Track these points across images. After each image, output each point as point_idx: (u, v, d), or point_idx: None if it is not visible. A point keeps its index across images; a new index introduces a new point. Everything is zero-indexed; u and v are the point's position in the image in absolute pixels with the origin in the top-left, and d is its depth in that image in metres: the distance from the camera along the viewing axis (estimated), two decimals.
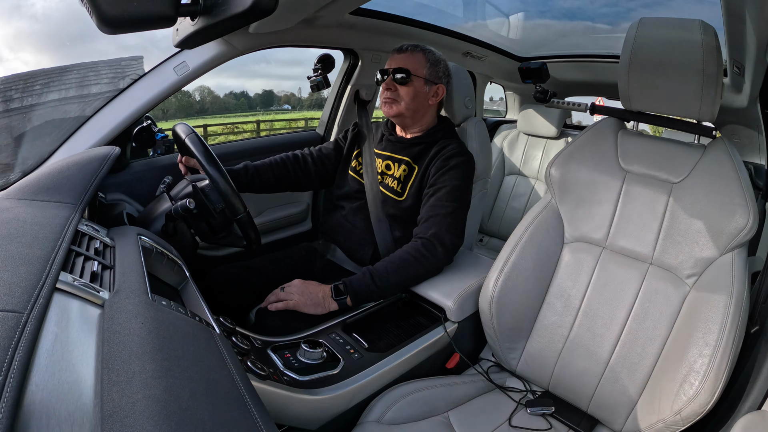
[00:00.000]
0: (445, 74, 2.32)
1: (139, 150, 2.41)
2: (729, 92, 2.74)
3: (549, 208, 1.96)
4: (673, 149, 1.83)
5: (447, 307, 1.92)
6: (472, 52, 3.66)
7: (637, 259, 1.79)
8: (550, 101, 2.28)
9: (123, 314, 0.88)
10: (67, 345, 0.76)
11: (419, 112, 2.27)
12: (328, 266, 2.34)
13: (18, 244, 0.96)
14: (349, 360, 1.62)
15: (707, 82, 1.61)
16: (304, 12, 2.15)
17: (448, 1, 4.09)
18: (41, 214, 1.19)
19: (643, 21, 1.74)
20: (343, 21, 2.53)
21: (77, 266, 1.04)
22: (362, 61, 3.01)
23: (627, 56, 1.75)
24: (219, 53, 2.25)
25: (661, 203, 1.77)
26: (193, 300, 1.34)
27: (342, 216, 2.38)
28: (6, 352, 0.63)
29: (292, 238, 3.07)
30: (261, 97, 34.20)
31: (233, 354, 1.06)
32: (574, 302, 1.85)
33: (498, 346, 1.92)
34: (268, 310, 1.88)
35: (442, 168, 2.15)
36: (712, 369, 1.44)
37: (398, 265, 1.97)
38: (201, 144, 1.79)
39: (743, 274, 1.55)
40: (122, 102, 2.13)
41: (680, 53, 1.64)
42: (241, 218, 1.81)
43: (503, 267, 1.88)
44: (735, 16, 1.78)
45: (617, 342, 1.73)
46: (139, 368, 0.73)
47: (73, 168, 1.50)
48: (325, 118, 3.21)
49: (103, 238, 1.31)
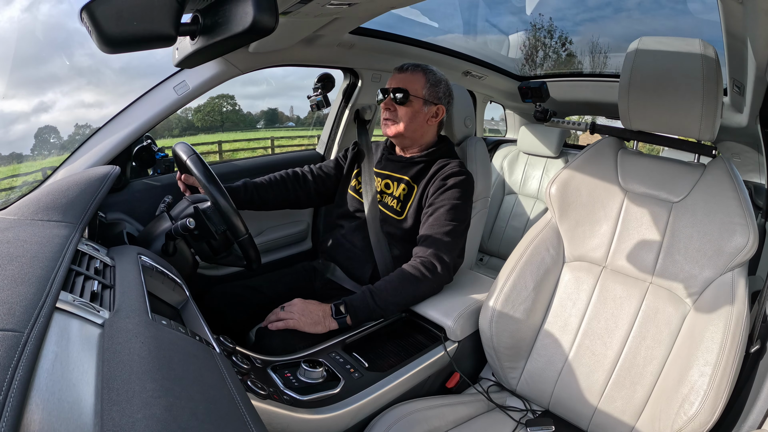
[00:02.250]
0: (446, 95, 2.32)
1: (139, 169, 2.41)
2: (729, 112, 2.74)
3: (549, 227, 1.96)
4: (674, 168, 1.83)
5: (447, 327, 1.91)
6: (472, 72, 3.68)
7: (637, 279, 1.79)
8: (550, 120, 2.28)
9: (123, 334, 0.88)
10: (67, 364, 0.76)
11: (418, 132, 2.27)
12: (328, 285, 2.33)
13: (18, 264, 0.96)
14: (350, 379, 1.62)
15: (707, 101, 1.62)
16: (304, 32, 2.16)
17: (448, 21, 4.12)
18: (41, 234, 1.19)
19: (643, 41, 1.75)
20: (343, 40, 2.54)
21: (77, 286, 1.03)
22: (362, 80, 3.02)
23: (627, 75, 1.76)
24: (219, 72, 2.26)
25: (661, 222, 1.77)
26: (193, 319, 1.34)
27: (341, 235, 2.38)
28: (6, 372, 0.63)
29: (293, 258, 3.06)
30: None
31: (233, 373, 1.05)
32: (573, 321, 1.85)
33: (498, 366, 1.92)
34: (269, 330, 1.87)
35: (441, 187, 2.14)
36: (712, 388, 1.44)
37: (398, 284, 1.96)
38: (202, 165, 1.80)
39: (743, 293, 1.55)
40: (122, 121, 2.14)
41: (680, 73, 1.64)
42: (243, 239, 1.81)
43: (503, 286, 1.88)
44: (735, 36, 1.79)
45: (617, 361, 1.73)
46: (139, 388, 0.73)
47: (73, 187, 1.50)
48: (325, 137, 3.22)
49: (103, 257, 1.31)
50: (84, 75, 8.72)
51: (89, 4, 1.02)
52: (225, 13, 1.12)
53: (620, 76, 1.80)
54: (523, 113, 4.63)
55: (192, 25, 1.22)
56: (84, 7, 1.02)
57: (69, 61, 8.25)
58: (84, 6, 1.02)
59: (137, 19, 1.07)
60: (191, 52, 1.30)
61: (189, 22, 1.22)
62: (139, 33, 1.09)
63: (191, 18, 1.24)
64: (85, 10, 1.02)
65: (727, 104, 2.67)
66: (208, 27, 1.19)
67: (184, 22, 1.20)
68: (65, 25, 8.20)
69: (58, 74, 4.79)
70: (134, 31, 1.08)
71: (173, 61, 1.58)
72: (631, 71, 1.75)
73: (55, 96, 5.62)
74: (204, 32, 1.22)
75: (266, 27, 1.07)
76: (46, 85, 4.00)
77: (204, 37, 1.22)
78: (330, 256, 2.39)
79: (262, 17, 1.05)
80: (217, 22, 1.14)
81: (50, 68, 2.83)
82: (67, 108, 5.35)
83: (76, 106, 6.49)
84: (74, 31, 2.70)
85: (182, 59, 1.40)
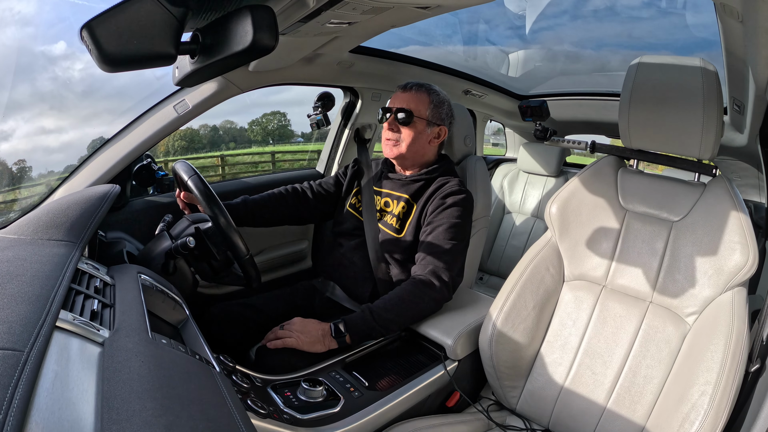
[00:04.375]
0: (449, 116, 2.33)
1: (139, 188, 2.41)
2: (729, 131, 2.75)
3: (549, 246, 1.96)
4: (674, 188, 1.84)
5: (447, 346, 1.91)
6: (472, 90, 3.69)
7: (637, 298, 1.79)
8: (550, 139, 2.28)
9: (123, 353, 0.88)
10: (67, 383, 0.76)
11: (419, 153, 2.28)
12: (328, 304, 2.33)
13: (18, 283, 0.96)
14: (350, 398, 1.61)
15: (708, 120, 1.63)
16: (304, 50, 2.17)
17: (448, 40, 4.13)
18: (41, 253, 1.19)
19: (643, 59, 1.75)
20: (343, 59, 2.56)
21: (77, 304, 1.03)
22: (362, 99, 3.04)
23: (627, 94, 1.76)
24: (219, 91, 2.27)
25: (661, 241, 1.77)
26: (193, 338, 1.34)
27: (341, 254, 2.37)
28: (6, 391, 0.63)
29: (293, 276, 3.06)
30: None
31: (233, 392, 1.05)
32: (573, 340, 1.85)
33: (498, 385, 1.91)
34: (268, 348, 1.86)
35: (440, 206, 2.15)
36: (713, 407, 1.44)
37: (397, 303, 1.96)
38: (203, 185, 1.79)
39: (743, 312, 1.55)
40: (122, 140, 2.14)
41: (681, 92, 1.65)
42: (244, 261, 1.81)
43: (503, 305, 1.88)
44: (735, 55, 1.80)
45: (617, 380, 1.73)
46: (139, 407, 0.73)
47: (73, 206, 1.50)
48: (325, 156, 3.23)
49: (103, 276, 1.31)
50: (46, 100, 8.62)
51: (89, 22, 1.02)
52: (225, 32, 1.12)
53: (620, 95, 1.81)
54: (523, 132, 4.64)
55: (192, 43, 1.23)
56: (84, 25, 1.02)
57: (32, 86, 8.20)
58: (84, 24, 1.02)
59: (137, 38, 1.08)
60: (191, 71, 1.30)
61: (189, 40, 1.23)
62: (139, 52, 1.10)
63: (191, 37, 1.24)
64: (85, 28, 1.02)
65: (727, 123, 2.68)
66: (208, 46, 1.20)
67: (184, 41, 1.20)
68: (31, 49, 8.19)
69: (20, 100, 4.71)
70: (134, 49, 1.09)
71: (173, 79, 1.58)
72: (632, 89, 1.76)
73: (16, 123, 5.53)
74: (204, 51, 1.22)
75: (266, 46, 1.08)
76: (7, 112, 3.94)
77: (204, 56, 1.22)
78: (329, 275, 2.38)
79: (262, 36, 1.06)
80: (217, 41, 1.15)
81: (12, 94, 2.79)
82: (26, 135, 5.28)
83: (36, 133, 6.38)
84: (39, 54, 2.70)
85: (182, 78, 1.40)
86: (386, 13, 1.68)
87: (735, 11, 1.37)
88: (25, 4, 7.60)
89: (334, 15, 1.63)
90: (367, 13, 1.65)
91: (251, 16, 1.06)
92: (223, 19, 1.14)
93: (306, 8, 1.51)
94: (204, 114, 2.29)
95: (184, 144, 24.63)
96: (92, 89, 10.01)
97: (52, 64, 5.08)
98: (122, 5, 1.05)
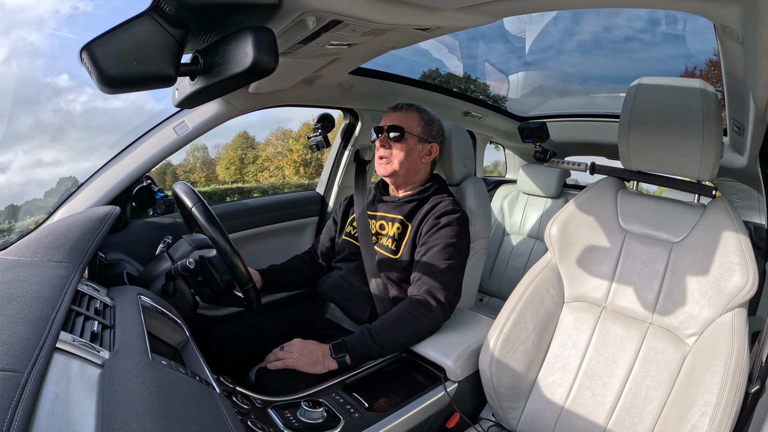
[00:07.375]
0: (439, 134, 2.38)
1: (139, 209, 2.42)
2: (729, 152, 2.75)
3: (549, 268, 1.96)
4: (673, 209, 1.84)
5: (447, 367, 1.90)
6: (472, 112, 3.70)
7: (637, 319, 1.78)
8: (549, 160, 2.29)
9: (123, 374, 0.88)
10: (67, 405, 0.76)
11: (412, 170, 2.31)
12: (328, 325, 2.33)
13: (18, 304, 0.96)
14: (350, 420, 1.60)
15: (707, 141, 1.63)
16: (304, 72, 2.18)
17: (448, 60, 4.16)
18: (41, 274, 1.20)
19: (643, 81, 1.77)
20: (343, 81, 2.57)
21: (77, 326, 1.04)
22: (362, 120, 3.05)
23: (627, 116, 1.77)
24: (219, 113, 2.28)
25: (661, 263, 1.78)
26: (193, 359, 1.34)
27: (340, 276, 2.38)
28: (6, 412, 0.63)
29: (292, 298, 3.05)
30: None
31: (233, 414, 1.05)
32: (573, 362, 1.84)
33: (498, 406, 1.91)
34: (269, 370, 1.86)
35: (435, 226, 2.16)
36: (713, 429, 1.43)
37: (395, 323, 1.96)
38: (207, 213, 1.78)
39: (743, 333, 1.55)
40: (122, 162, 2.15)
41: (680, 113, 1.66)
42: (248, 288, 1.81)
43: (503, 326, 1.88)
44: (735, 77, 1.80)
45: (617, 402, 1.72)
46: (139, 428, 0.73)
47: (73, 227, 1.50)
48: (325, 178, 3.23)
49: (103, 297, 1.31)
50: (47, 132, 8.71)
51: (89, 44, 1.03)
52: (225, 53, 1.13)
53: (620, 116, 1.81)
54: (523, 154, 4.65)
55: (192, 65, 1.23)
56: (84, 47, 1.03)
57: (35, 118, 8.27)
58: (84, 46, 1.03)
59: (137, 60, 1.08)
60: (191, 93, 1.30)
61: (189, 62, 1.23)
62: (138, 73, 1.10)
63: (191, 58, 1.25)
64: (85, 50, 1.03)
65: (726, 145, 2.68)
66: (208, 67, 1.20)
67: (183, 63, 1.21)
68: (38, 80, 8.23)
69: (21, 132, 4.74)
70: (134, 71, 1.09)
71: (173, 101, 1.59)
72: (632, 111, 1.77)
73: (14, 155, 5.52)
74: (204, 72, 1.23)
75: (266, 67, 1.09)
76: (9, 143, 3.91)
77: (204, 78, 1.23)
78: (329, 297, 2.39)
79: (261, 58, 1.06)
80: (217, 63, 1.15)
81: (15, 125, 2.79)
82: (21, 168, 5.26)
83: (33, 166, 6.37)
84: (45, 85, 2.70)
85: (182, 99, 1.41)
86: (386, 35, 1.69)
87: (735, 33, 1.38)
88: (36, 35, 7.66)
89: (334, 36, 1.64)
90: (367, 35, 1.66)
91: (251, 38, 1.07)
92: (222, 41, 1.14)
93: (306, 30, 1.52)
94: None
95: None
96: (90, 124, 9.95)
97: (57, 96, 5.01)
98: (122, 27, 1.06)
